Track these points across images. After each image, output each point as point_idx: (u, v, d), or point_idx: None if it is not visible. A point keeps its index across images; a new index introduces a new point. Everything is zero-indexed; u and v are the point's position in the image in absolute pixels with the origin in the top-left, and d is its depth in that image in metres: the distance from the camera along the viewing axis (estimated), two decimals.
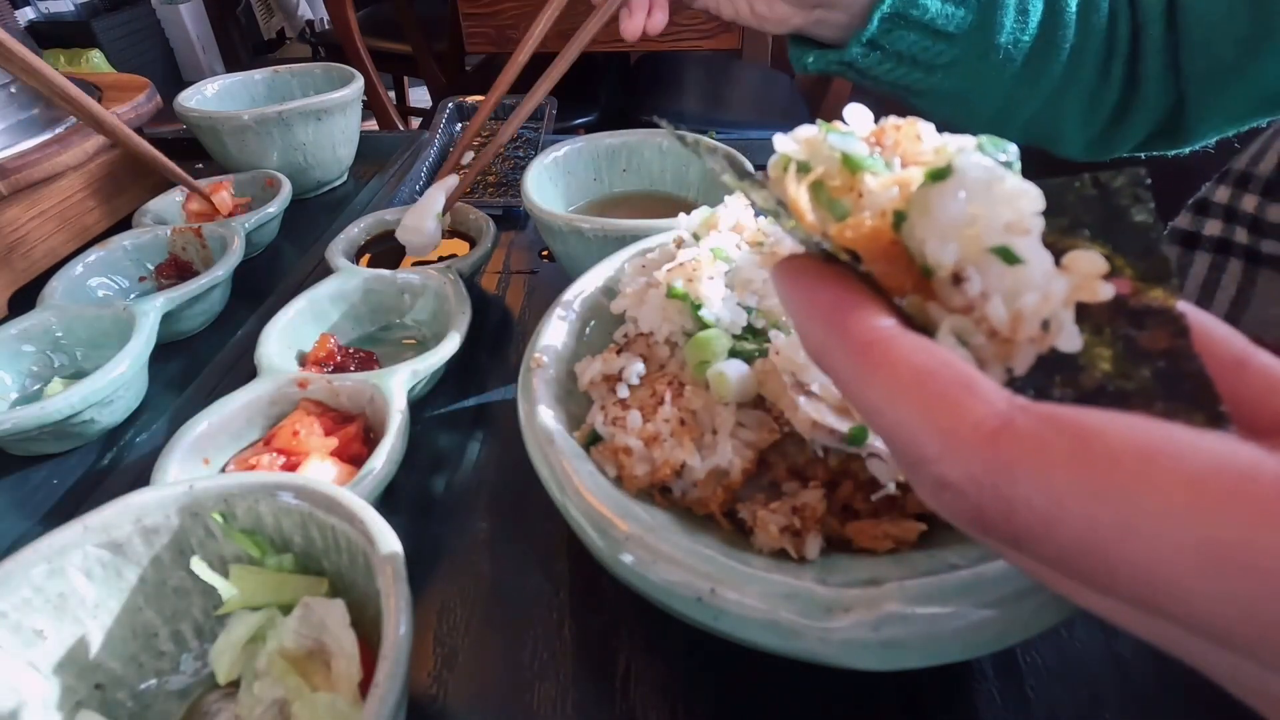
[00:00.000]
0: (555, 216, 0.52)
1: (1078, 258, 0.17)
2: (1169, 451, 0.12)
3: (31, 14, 2.59)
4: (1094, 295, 0.17)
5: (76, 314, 0.51)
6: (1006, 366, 0.18)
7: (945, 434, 0.15)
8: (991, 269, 0.17)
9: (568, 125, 1.41)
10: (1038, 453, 0.13)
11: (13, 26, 0.71)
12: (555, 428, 0.33)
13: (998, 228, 0.17)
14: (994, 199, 0.17)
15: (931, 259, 0.17)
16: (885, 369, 0.16)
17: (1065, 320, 0.17)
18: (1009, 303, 0.17)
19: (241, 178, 0.70)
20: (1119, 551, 0.13)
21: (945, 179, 0.17)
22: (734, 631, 0.26)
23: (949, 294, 0.18)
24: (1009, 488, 0.14)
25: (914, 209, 0.18)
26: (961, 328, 0.18)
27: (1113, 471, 0.13)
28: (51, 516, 0.43)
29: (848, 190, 0.19)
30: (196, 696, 0.30)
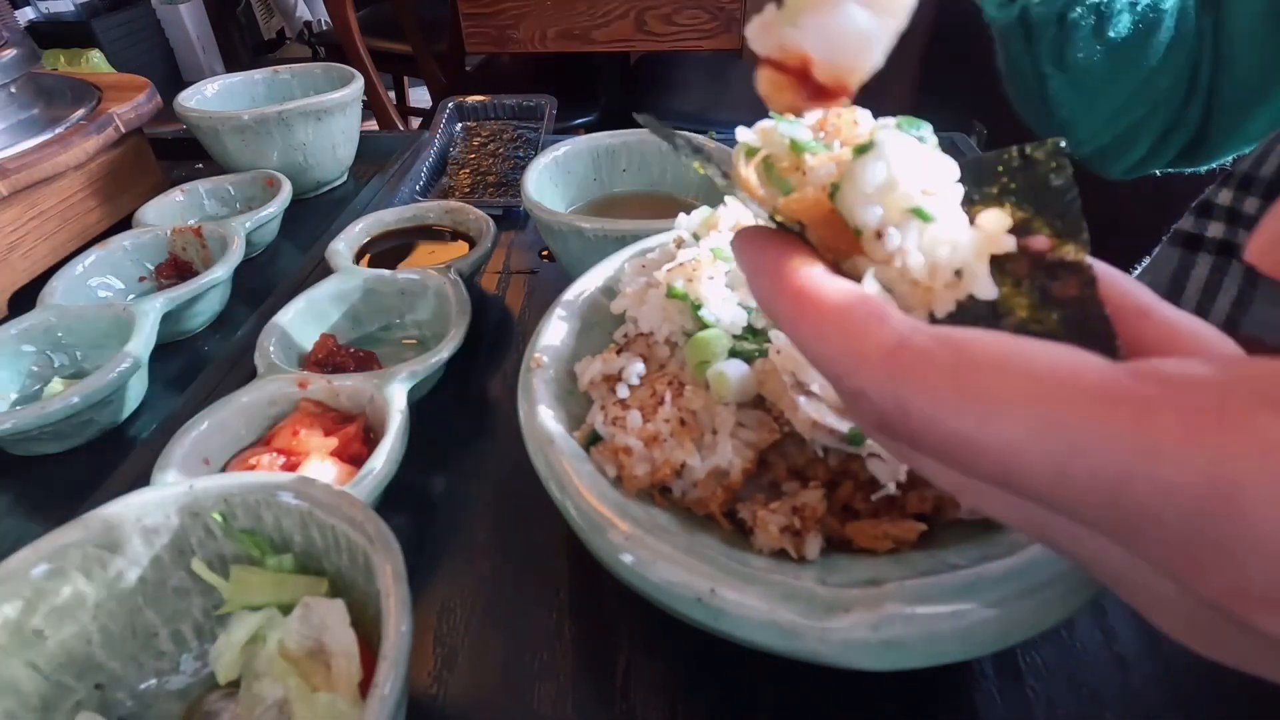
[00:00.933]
0: (555, 216, 0.52)
1: (987, 216, 0.20)
2: (1023, 356, 0.15)
3: (31, 14, 2.58)
4: (1000, 247, 0.20)
5: (77, 314, 0.51)
6: (929, 311, 0.20)
7: (857, 353, 0.17)
8: (910, 227, 0.20)
9: (568, 125, 1.42)
10: (924, 363, 0.16)
11: (13, 26, 0.71)
12: (555, 428, 0.33)
13: (915, 191, 0.20)
14: (911, 167, 0.20)
15: (859, 220, 0.20)
16: (813, 308, 0.19)
17: (979, 271, 0.20)
18: (926, 255, 0.20)
19: (241, 178, 0.70)
20: (980, 438, 0.15)
21: (868, 152, 0.20)
22: (734, 631, 0.26)
23: (874, 248, 0.20)
24: (903, 392, 0.16)
25: (845, 179, 0.20)
26: (886, 276, 0.21)
27: (977, 373, 0.15)
28: (51, 516, 0.43)
29: (794, 170, 0.22)
30: (196, 696, 0.30)
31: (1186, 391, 0.13)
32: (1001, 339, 0.16)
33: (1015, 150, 0.22)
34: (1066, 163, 0.21)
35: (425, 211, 0.62)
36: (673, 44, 1.36)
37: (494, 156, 0.80)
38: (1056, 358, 0.15)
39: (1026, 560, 0.25)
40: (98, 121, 0.65)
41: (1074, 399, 0.14)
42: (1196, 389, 0.13)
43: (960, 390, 0.15)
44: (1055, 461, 0.14)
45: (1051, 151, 0.21)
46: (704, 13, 1.32)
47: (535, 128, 0.83)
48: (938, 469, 0.18)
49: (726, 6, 1.32)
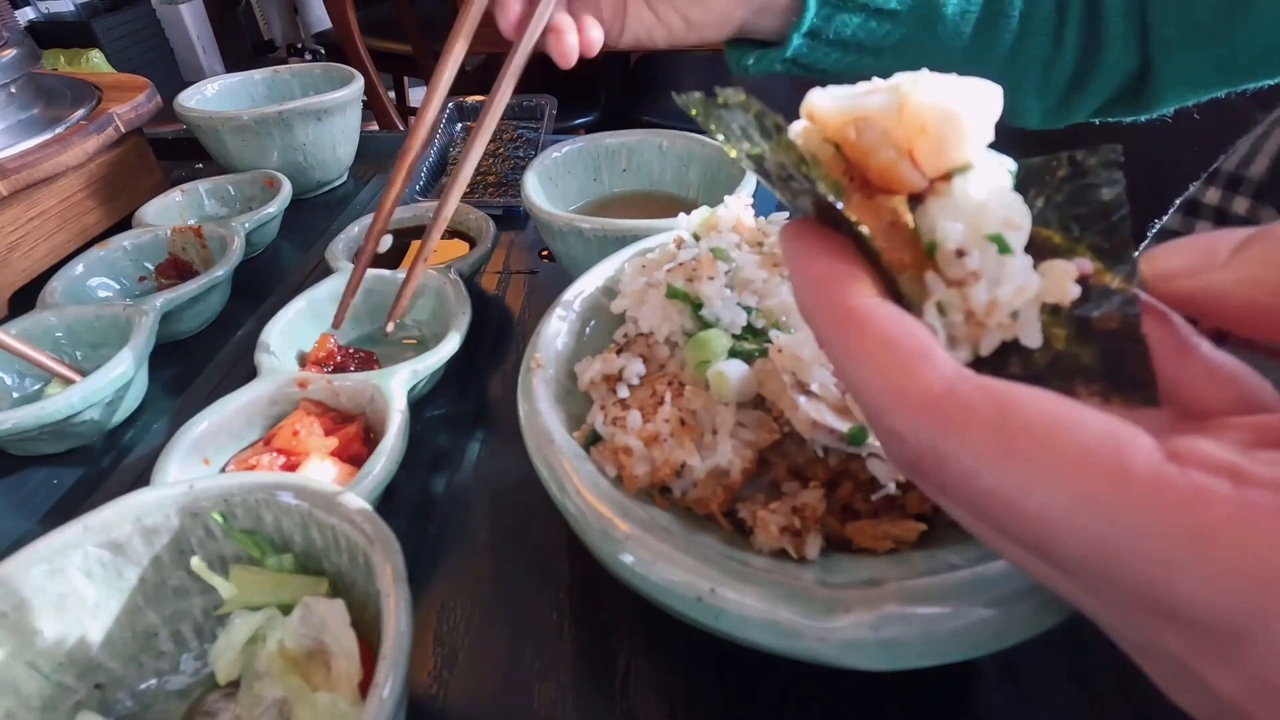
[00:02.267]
0: (555, 216, 0.52)
1: (1054, 266, 0.19)
2: (1070, 422, 0.15)
3: (31, 14, 2.59)
4: (1063, 298, 0.19)
5: (76, 314, 0.51)
6: (974, 348, 0.20)
7: (898, 392, 0.17)
8: (986, 254, 0.19)
9: (568, 125, 1.42)
10: (969, 417, 0.16)
11: (13, 26, 0.71)
12: (555, 428, 0.33)
13: (998, 219, 0.19)
14: (1001, 195, 0.19)
15: (941, 235, 0.19)
16: (858, 335, 0.18)
17: (1030, 316, 0.19)
18: (990, 289, 0.19)
19: (241, 178, 0.70)
20: (1018, 502, 0.15)
21: (968, 171, 0.20)
22: (734, 631, 0.26)
23: (951, 266, 0.20)
24: (942, 443, 0.16)
25: (933, 194, 0.20)
26: (947, 301, 0.20)
27: (1022, 436, 0.15)
28: (51, 516, 0.43)
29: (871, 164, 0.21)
30: (196, 696, 0.30)
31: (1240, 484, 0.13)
32: (1050, 401, 0.15)
33: (1066, 157, 0.21)
34: (1120, 176, 0.20)
35: (425, 211, 0.62)
36: None
37: (494, 156, 0.80)
38: (1106, 431, 0.14)
39: None
40: (98, 121, 0.65)
41: (1123, 478, 0.14)
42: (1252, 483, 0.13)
43: (1003, 450, 0.15)
44: (1095, 538, 0.14)
45: (1105, 161, 0.20)
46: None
47: (535, 128, 0.83)
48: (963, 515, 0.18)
49: None
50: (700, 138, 0.63)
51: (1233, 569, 0.13)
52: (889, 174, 0.20)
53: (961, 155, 0.20)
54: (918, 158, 0.20)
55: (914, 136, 0.20)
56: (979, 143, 0.20)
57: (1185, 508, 0.13)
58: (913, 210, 0.20)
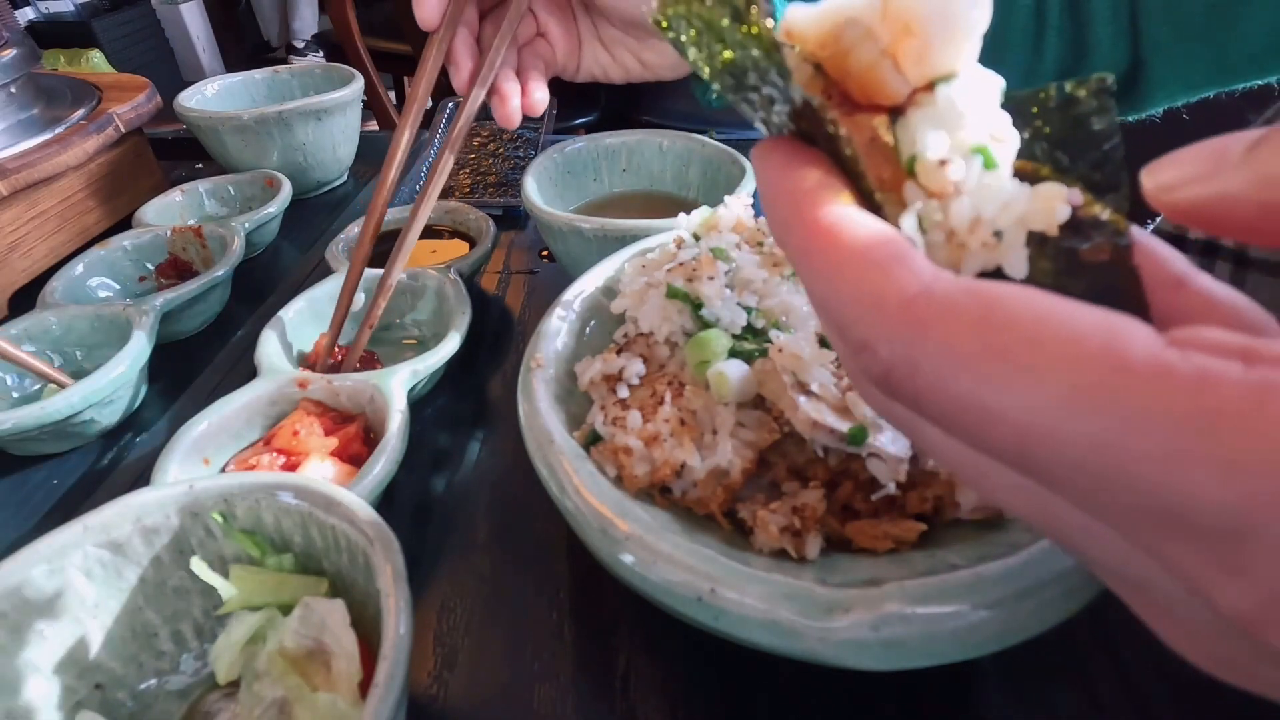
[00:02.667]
0: (555, 216, 0.52)
1: (1043, 189, 0.18)
2: (1058, 317, 0.13)
3: (31, 14, 2.59)
4: (1050, 223, 0.18)
5: (76, 314, 0.51)
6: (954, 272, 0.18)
7: (871, 296, 0.16)
8: (971, 167, 0.18)
9: (568, 125, 1.41)
10: (947, 315, 0.14)
11: (13, 26, 0.71)
12: (555, 428, 0.33)
13: (983, 130, 0.18)
14: (987, 106, 0.18)
15: (922, 146, 0.18)
16: (831, 245, 0.17)
17: (1015, 241, 0.18)
18: (975, 206, 0.18)
19: (241, 178, 0.70)
20: (1000, 405, 0.13)
21: (951, 80, 0.18)
22: (734, 631, 0.26)
23: (932, 176, 0.18)
24: (918, 345, 0.15)
25: (915, 105, 0.19)
26: (926, 216, 0.19)
27: (1007, 332, 0.14)
28: (51, 516, 0.43)
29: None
30: (196, 696, 0.30)
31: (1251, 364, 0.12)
32: (1039, 297, 0.14)
33: (1054, 88, 0.19)
34: (1111, 103, 0.19)
35: None
36: None
37: (494, 156, 0.80)
38: (1100, 321, 0.13)
39: (1026, 560, 0.25)
40: (98, 121, 0.65)
41: (1120, 367, 0.12)
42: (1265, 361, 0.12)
43: (986, 348, 0.14)
44: (1090, 438, 0.13)
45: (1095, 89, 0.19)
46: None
47: (535, 128, 0.83)
48: (939, 440, 0.17)
49: None
50: (700, 138, 0.63)
51: (1245, 456, 0.11)
52: (870, 78, 0.19)
53: (947, 61, 0.19)
54: (901, 62, 0.19)
55: (898, 38, 0.18)
56: (966, 51, 0.19)
57: (1191, 393, 0.12)
58: (893, 126, 0.19)
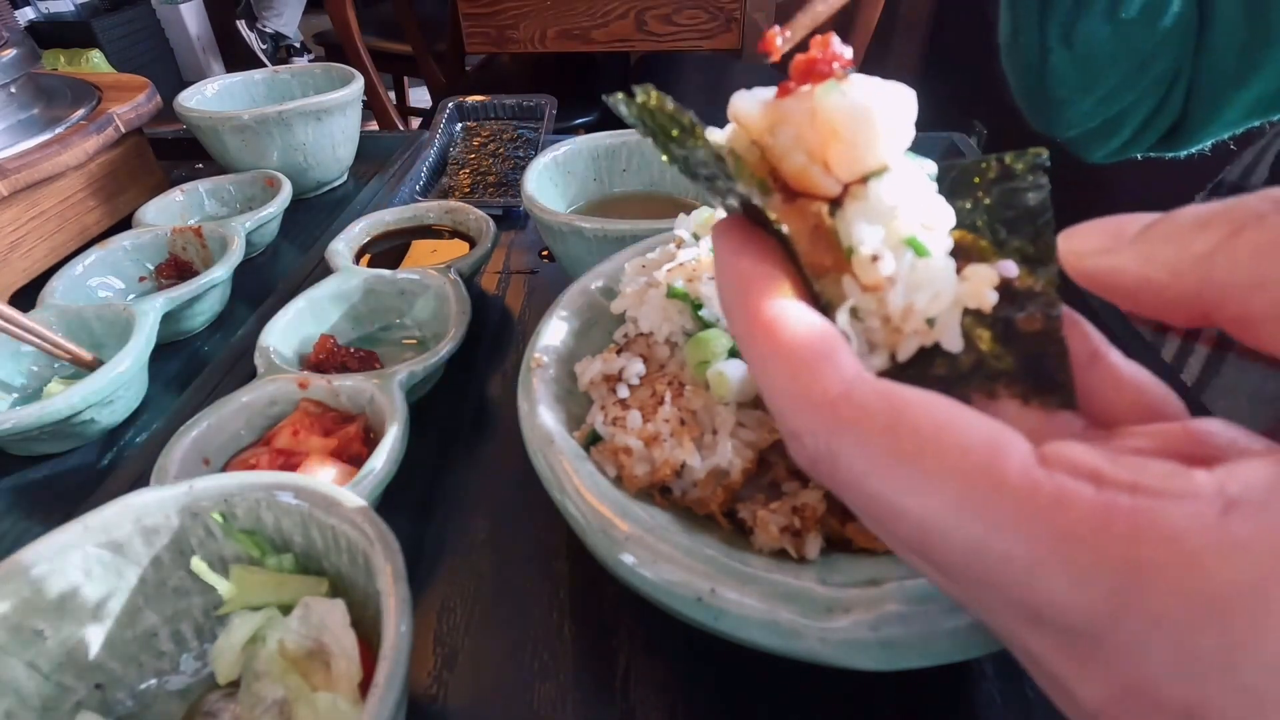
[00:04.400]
0: (555, 216, 0.52)
1: (975, 271, 0.19)
2: (954, 427, 0.15)
3: (31, 14, 2.59)
4: (982, 303, 0.19)
5: (77, 314, 0.51)
6: (892, 352, 0.20)
7: (800, 393, 0.17)
8: (903, 258, 0.19)
9: (568, 125, 1.41)
10: (863, 420, 0.16)
11: (13, 26, 0.71)
12: (555, 428, 0.33)
13: (914, 222, 0.19)
14: (918, 198, 0.20)
15: (856, 239, 0.20)
16: (768, 337, 0.18)
17: (950, 322, 0.19)
18: (907, 294, 0.19)
19: (241, 178, 0.70)
20: (902, 503, 0.15)
21: (883, 174, 0.20)
22: (734, 631, 0.26)
23: (866, 271, 0.20)
24: (837, 443, 0.16)
25: (851, 197, 0.20)
26: (862, 307, 0.20)
27: (910, 439, 0.15)
28: (51, 516, 0.43)
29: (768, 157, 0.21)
30: (196, 696, 0.30)
31: (1100, 486, 0.14)
32: (942, 406, 0.16)
33: (994, 160, 0.21)
34: (1045, 180, 0.20)
35: (425, 211, 0.62)
36: (673, 44, 1.36)
37: (494, 156, 0.80)
38: (986, 435, 0.15)
39: None
40: (98, 121, 0.65)
41: (996, 481, 0.14)
42: (1110, 485, 0.14)
43: (892, 452, 0.15)
44: (970, 541, 0.14)
45: (1031, 164, 0.20)
46: (704, 13, 1.32)
47: (535, 128, 0.83)
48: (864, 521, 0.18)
49: (726, 6, 1.32)
50: None
51: (1090, 568, 0.13)
52: (803, 179, 0.20)
53: (875, 159, 0.20)
54: (830, 163, 0.20)
55: (827, 141, 0.19)
56: (896, 146, 0.20)
57: (1049, 510, 0.14)
58: (833, 215, 0.20)
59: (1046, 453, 0.15)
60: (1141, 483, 0.13)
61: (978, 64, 1.83)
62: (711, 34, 1.35)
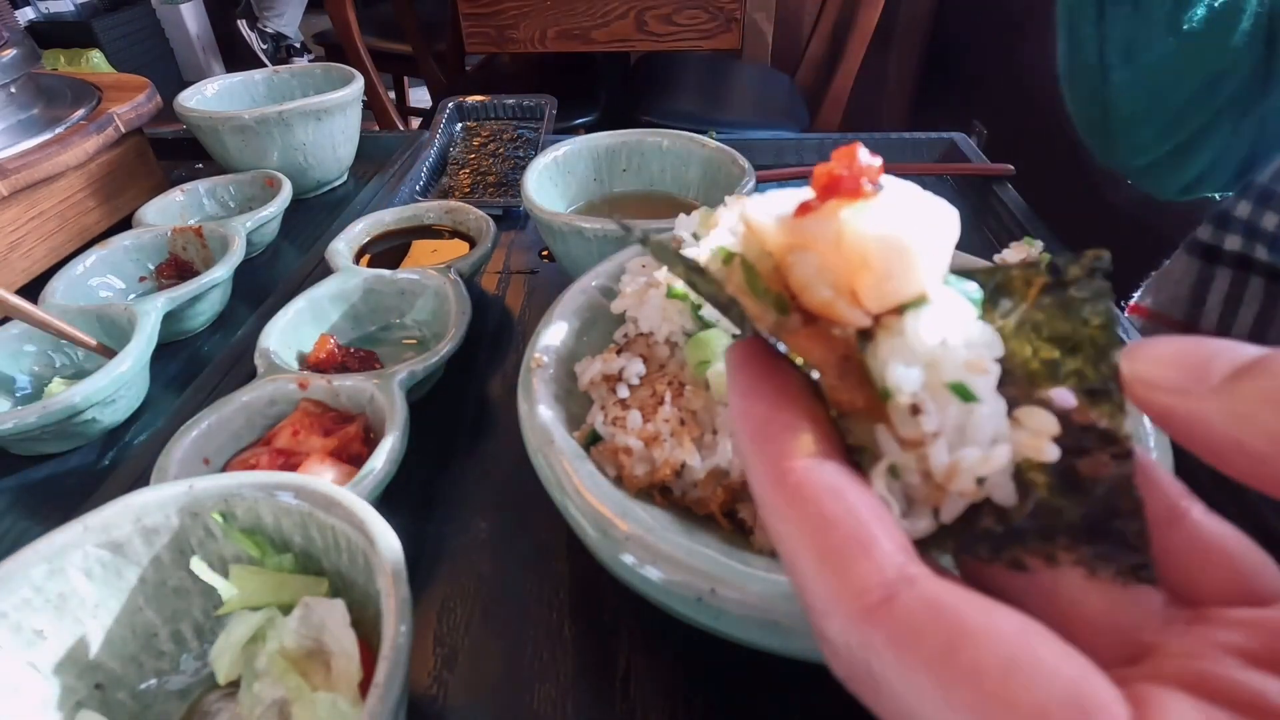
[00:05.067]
0: (555, 216, 0.52)
1: (1030, 414, 0.16)
2: (1025, 671, 0.12)
3: (31, 14, 2.59)
4: (1039, 455, 0.16)
5: (78, 314, 0.51)
6: (935, 509, 0.17)
7: (833, 592, 0.14)
8: (947, 405, 0.16)
9: (568, 125, 1.41)
10: (910, 643, 0.13)
11: (13, 26, 0.71)
12: (555, 428, 0.33)
13: (958, 363, 0.16)
14: (962, 333, 0.17)
15: (893, 383, 0.17)
16: (794, 505, 0.16)
17: (1002, 479, 0.16)
18: (953, 448, 0.16)
19: (241, 178, 0.70)
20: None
21: (921, 305, 0.17)
22: (734, 631, 0.26)
23: (904, 424, 0.17)
24: (877, 667, 0.14)
25: (884, 330, 0.17)
26: (900, 465, 0.17)
27: (970, 682, 0.13)
28: (51, 516, 0.43)
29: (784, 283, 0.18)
30: (196, 696, 0.30)
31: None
32: (1008, 637, 0.13)
33: (1046, 264, 0.18)
34: (1107, 289, 0.17)
35: (425, 211, 0.62)
36: (672, 44, 1.36)
37: (494, 156, 0.80)
38: (1070, 689, 0.12)
39: None
40: (98, 121, 0.65)
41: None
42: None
43: (947, 695, 0.13)
44: None
45: (1089, 268, 0.17)
46: (704, 13, 1.33)
47: (535, 128, 0.83)
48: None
49: (726, 6, 1.32)
50: (700, 138, 0.63)
51: None
52: (827, 311, 0.17)
53: (911, 290, 0.17)
54: (860, 294, 0.17)
55: (855, 271, 0.17)
56: (934, 274, 0.17)
57: None
58: (863, 346, 0.17)
59: (1145, 713, 0.12)
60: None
61: (978, 64, 1.83)
62: (711, 34, 1.35)
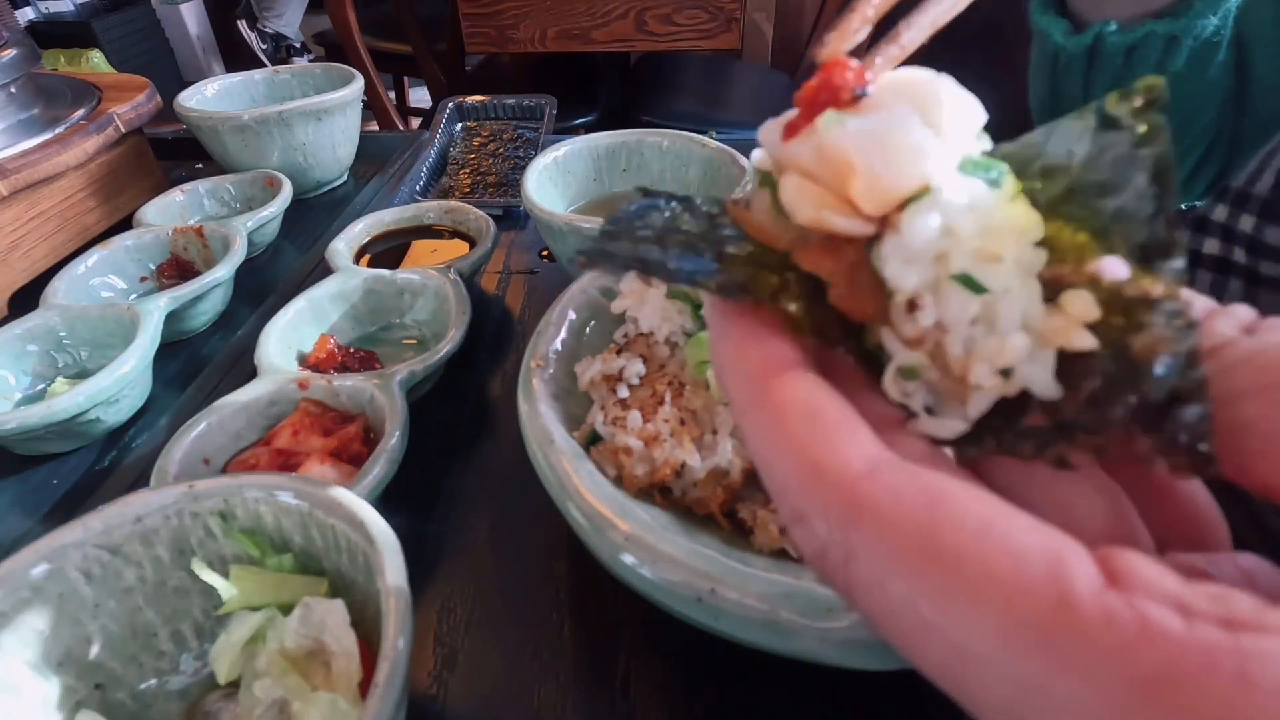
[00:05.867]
0: (555, 216, 0.52)
1: (1072, 298, 0.14)
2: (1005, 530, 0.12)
3: (31, 14, 2.59)
4: (1068, 343, 0.14)
5: (80, 314, 0.51)
6: (964, 406, 0.16)
7: (811, 467, 0.14)
8: (953, 299, 0.15)
9: (568, 125, 1.41)
10: (890, 506, 0.13)
11: (13, 26, 0.71)
12: (555, 428, 0.33)
13: (967, 251, 0.15)
14: (973, 224, 0.15)
15: (891, 281, 0.16)
16: (773, 402, 0.15)
17: (1037, 373, 0.14)
18: (967, 343, 0.15)
19: (241, 178, 0.70)
20: (936, 622, 0.13)
21: (921, 199, 0.15)
22: (734, 631, 0.26)
23: (901, 324, 0.16)
24: (854, 533, 0.13)
25: (890, 229, 0.16)
26: (914, 364, 0.16)
27: (950, 539, 0.12)
28: (51, 516, 0.43)
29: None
30: (196, 696, 0.30)
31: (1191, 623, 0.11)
32: (983, 504, 0.13)
33: (1093, 109, 0.16)
34: (1161, 123, 0.14)
35: (425, 211, 0.62)
36: (672, 44, 1.36)
37: (494, 156, 0.80)
38: (1046, 545, 0.12)
39: None
40: (98, 121, 0.65)
41: (1063, 607, 0.11)
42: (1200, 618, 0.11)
43: (926, 555, 0.13)
44: (1025, 679, 0.12)
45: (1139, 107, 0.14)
46: (704, 13, 1.33)
47: (535, 128, 0.83)
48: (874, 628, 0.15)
49: (726, 6, 1.32)
50: (700, 138, 0.63)
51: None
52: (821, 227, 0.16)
53: (909, 183, 0.15)
54: (857, 201, 0.16)
55: (844, 179, 0.16)
56: (942, 162, 0.15)
57: (1132, 648, 0.11)
58: (871, 251, 0.16)
59: (1115, 570, 0.12)
60: (1237, 618, 0.11)
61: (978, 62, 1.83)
62: (711, 34, 1.35)
